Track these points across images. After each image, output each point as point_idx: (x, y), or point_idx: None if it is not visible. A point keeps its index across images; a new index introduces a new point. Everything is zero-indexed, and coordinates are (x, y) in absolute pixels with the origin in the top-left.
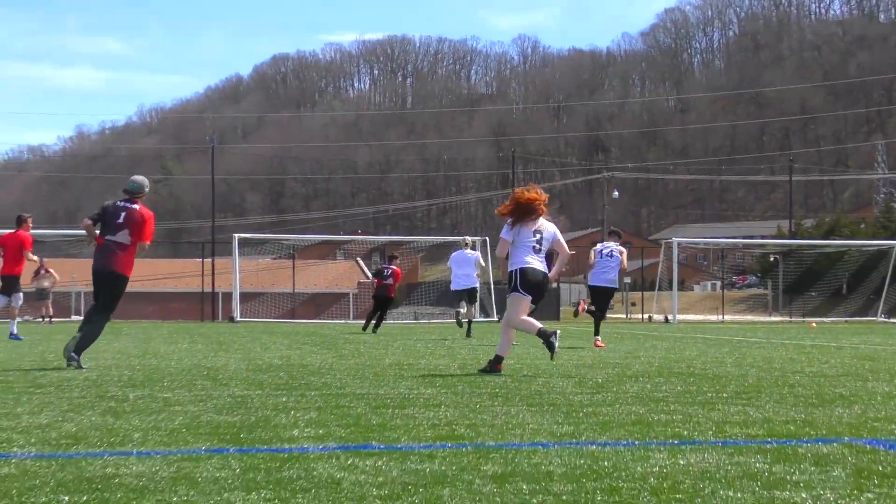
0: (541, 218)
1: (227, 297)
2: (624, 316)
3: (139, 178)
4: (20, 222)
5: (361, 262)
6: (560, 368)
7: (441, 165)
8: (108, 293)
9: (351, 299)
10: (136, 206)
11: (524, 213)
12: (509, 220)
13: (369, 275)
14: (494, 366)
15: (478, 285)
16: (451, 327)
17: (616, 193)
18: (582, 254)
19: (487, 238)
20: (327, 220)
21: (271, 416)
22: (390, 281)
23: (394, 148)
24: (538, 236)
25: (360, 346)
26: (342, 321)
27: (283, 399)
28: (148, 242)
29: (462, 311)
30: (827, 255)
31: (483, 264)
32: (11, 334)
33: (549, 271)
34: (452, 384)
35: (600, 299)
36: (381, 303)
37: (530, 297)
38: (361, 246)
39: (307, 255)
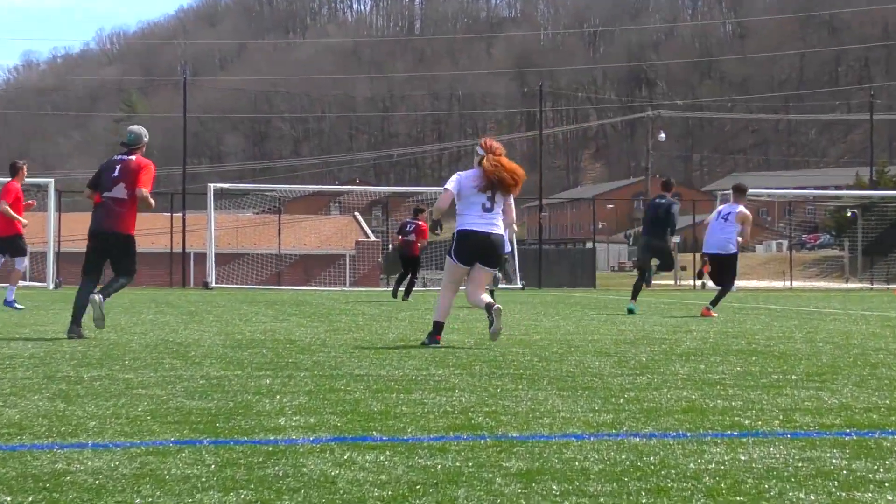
0: None
1: (201, 258)
2: (672, 282)
3: (136, 127)
4: (14, 171)
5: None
6: (596, 345)
7: (454, 102)
8: (119, 259)
9: (347, 262)
10: (132, 158)
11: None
12: (459, 172)
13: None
14: (432, 337)
15: (509, 248)
16: (463, 297)
17: (662, 136)
18: (621, 211)
19: None
20: (320, 168)
21: (253, 402)
22: (413, 237)
23: (398, 82)
24: (489, 193)
25: (357, 318)
26: (337, 288)
27: (267, 381)
28: (146, 190)
29: (498, 275)
30: None
31: (514, 221)
32: (6, 301)
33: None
34: (468, 363)
35: (713, 268)
36: (406, 263)
37: (464, 266)
38: (360, 198)
39: (296, 208)
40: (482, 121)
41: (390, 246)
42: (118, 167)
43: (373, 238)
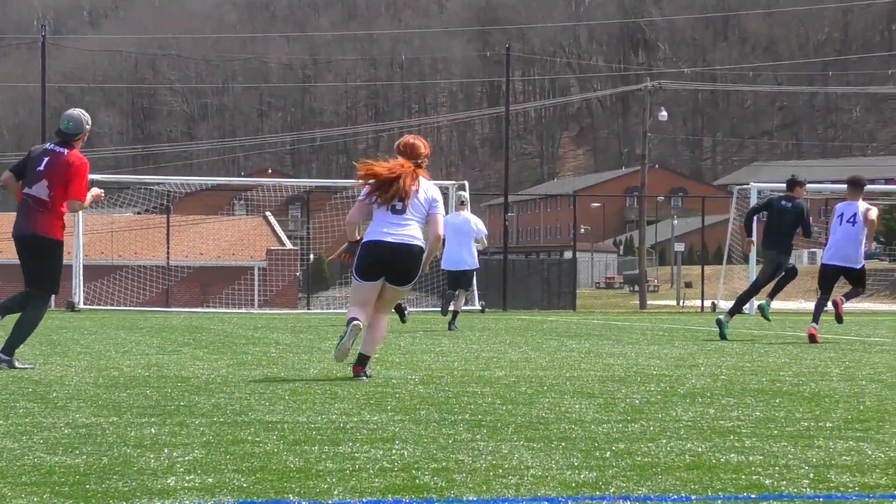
0: (420, 178)
1: (65, 272)
2: (675, 302)
3: (76, 112)
4: None
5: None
6: (576, 383)
7: (396, 71)
8: (36, 267)
9: (256, 276)
10: (65, 151)
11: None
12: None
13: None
14: (358, 368)
15: (477, 266)
16: (400, 321)
17: (664, 114)
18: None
19: (466, 183)
20: (221, 155)
21: (133, 457)
22: None
23: (325, 42)
24: (404, 200)
25: (269, 349)
26: (243, 310)
27: (153, 430)
28: (80, 201)
29: (457, 298)
30: None
31: (485, 232)
32: None
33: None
34: (412, 407)
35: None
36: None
37: (366, 282)
38: (272, 194)
39: (189, 207)
40: (432, 94)
41: (312, 255)
42: (45, 160)
43: (289, 245)
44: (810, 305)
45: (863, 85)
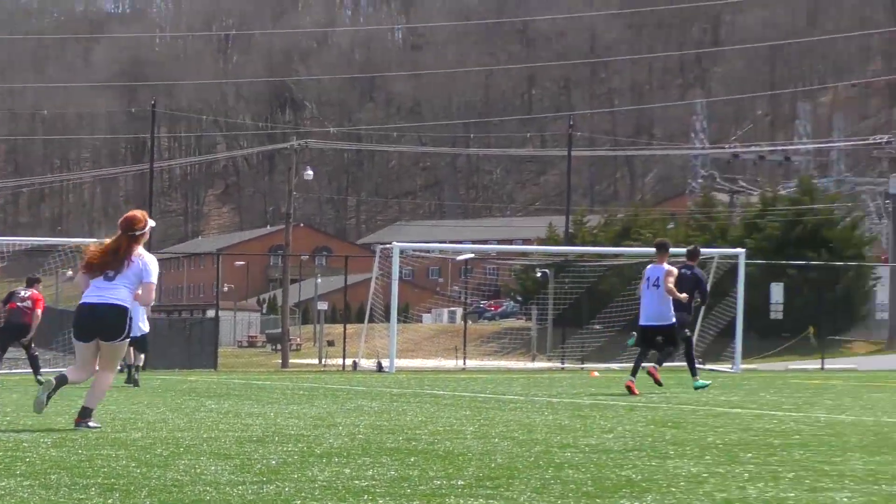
0: (134, 248)
1: None
2: (317, 361)
3: None
4: None
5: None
6: (213, 444)
7: (38, 125)
8: None
9: None
10: None
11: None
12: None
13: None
14: (78, 419)
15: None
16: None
17: (309, 173)
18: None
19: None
20: None
21: None
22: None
23: None
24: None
25: None
26: None
27: None
28: None
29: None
30: (619, 270)
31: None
32: None
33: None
34: (42, 471)
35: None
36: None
37: (80, 342)
38: None
39: None
40: (76, 150)
41: None
42: None
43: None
44: (447, 363)
45: (503, 147)
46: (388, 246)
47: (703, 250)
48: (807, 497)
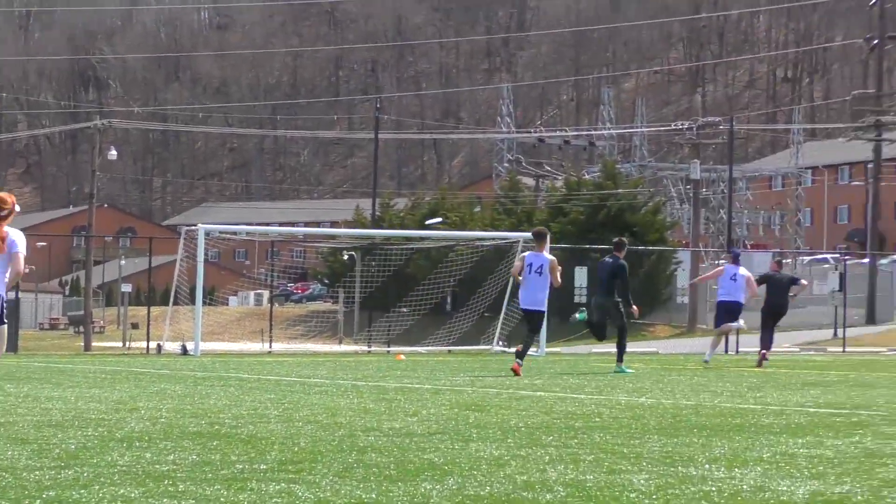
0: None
1: None
2: (121, 344)
3: None
4: None
5: None
6: (11, 429)
7: None
8: None
9: None
10: None
11: None
12: None
13: None
14: None
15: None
16: None
17: (113, 153)
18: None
19: None
20: None
21: None
22: None
23: None
24: None
25: None
26: None
27: None
28: None
29: None
30: (426, 253)
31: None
32: None
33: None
34: None
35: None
36: None
37: None
38: None
39: None
40: None
41: None
42: None
43: None
44: (252, 346)
45: (310, 129)
46: (193, 228)
47: (509, 234)
48: (605, 479)
